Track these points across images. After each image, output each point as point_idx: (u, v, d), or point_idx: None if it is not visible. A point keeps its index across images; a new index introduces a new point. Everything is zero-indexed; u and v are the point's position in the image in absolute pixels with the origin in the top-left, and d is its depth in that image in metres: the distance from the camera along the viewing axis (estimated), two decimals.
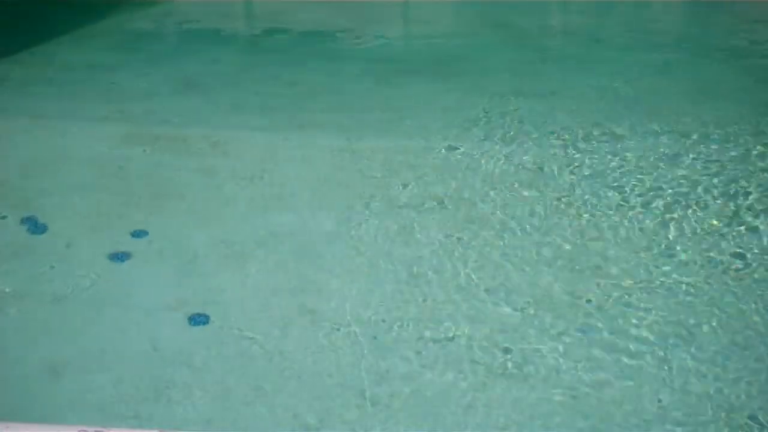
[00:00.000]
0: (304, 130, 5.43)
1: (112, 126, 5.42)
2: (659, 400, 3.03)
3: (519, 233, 4.14)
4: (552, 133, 5.27)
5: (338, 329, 3.44)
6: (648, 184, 4.59)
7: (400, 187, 4.59)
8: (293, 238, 4.12)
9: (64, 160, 4.94)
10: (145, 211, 4.34)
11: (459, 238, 4.09)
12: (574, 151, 4.99)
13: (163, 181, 4.69)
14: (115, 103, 5.84)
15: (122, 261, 3.91)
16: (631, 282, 3.72)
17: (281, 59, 7.02)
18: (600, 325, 3.44)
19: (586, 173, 4.73)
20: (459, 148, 5.05)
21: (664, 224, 4.19)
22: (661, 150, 5.00)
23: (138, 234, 4.12)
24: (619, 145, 5.06)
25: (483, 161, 4.88)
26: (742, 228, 4.14)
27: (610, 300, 3.60)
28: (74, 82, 6.37)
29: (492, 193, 4.53)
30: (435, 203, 4.42)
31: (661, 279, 3.74)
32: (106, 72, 6.53)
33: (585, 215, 4.30)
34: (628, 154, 4.94)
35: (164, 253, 3.99)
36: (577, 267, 3.85)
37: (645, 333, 3.39)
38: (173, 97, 6.00)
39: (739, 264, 3.86)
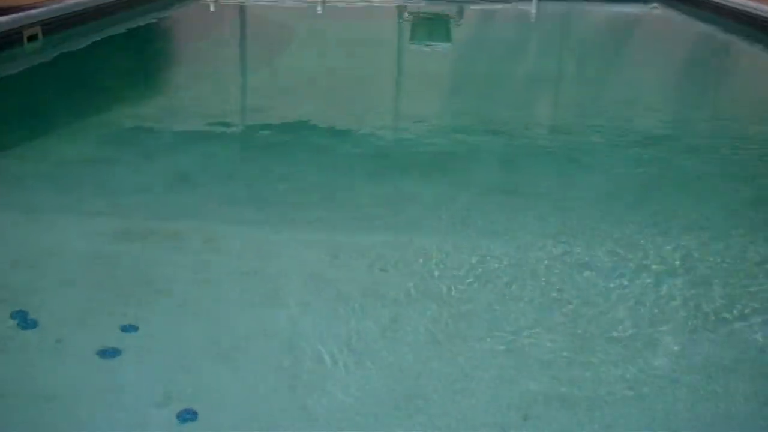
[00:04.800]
0: (295, 226, 5.48)
1: (105, 220, 5.45)
2: None
3: (507, 330, 4.15)
4: (541, 230, 5.35)
5: (330, 428, 3.42)
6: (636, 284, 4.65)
7: (392, 284, 4.60)
8: (284, 335, 4.11)
9: (55, 255, 4.95)
10: (135, 307, 4.33)
11: (451, 336, 4.10)
12: (561, 249, 5.05)
13: (155, 276, 4.70)
14: (109, 197, 5.89)
15: (112, 357, 3.88)
16: None
17: (273, 154, 7.13)
18: None
19: (574, 268, 4.78)
20: (449, 244, 5.10)
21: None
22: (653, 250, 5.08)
23: (128, 329, 4.10)
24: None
25: (473, 258, 4.92)
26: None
27: None
28: (68, 176, 6.43)
29: (484, 290, 4.56)
30: (427, 300, 4.43)
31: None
32: (101, 166, 6.60)
33: (568, 311, 4.33)
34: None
35: (154, 349, 3.97)
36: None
37: None
38: (166, 191, 6.06)
39: None
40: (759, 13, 13.47)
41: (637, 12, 17.61)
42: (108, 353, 3.90)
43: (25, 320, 4.17)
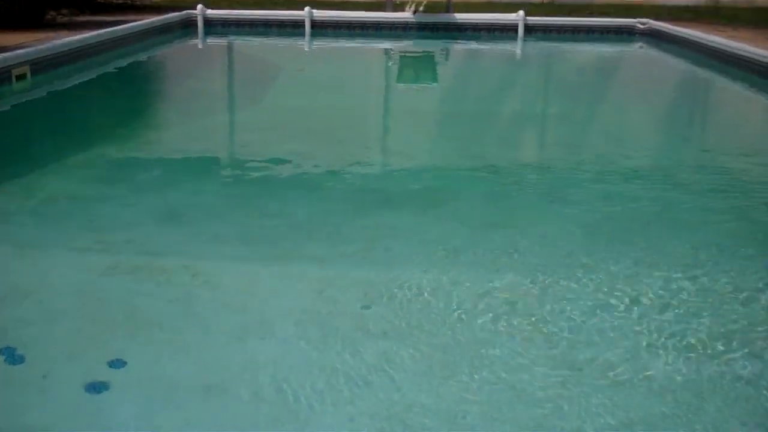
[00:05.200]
0: (284, 261, 5.48)
1: (93, 256, 5.45)
2: None
3: (494, 366, 4.15)
4: (528, 263, 5.37)
5: None
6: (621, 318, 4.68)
7: (381, 319, 4.60)
8: (273, 369, 4.09)
9: (43, 290, 4.94)
10: (123, 341, 4.31)
11: (442, 373, 4.09)
12: (550, 282, 5.07)
13: (143, 310, 4.68)
14: (97, 233, 5.88)
15: (99, 392, 3.86)
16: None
17: (262, 191, 7.15)
18: None
19: (563, 304, 4.80)
20: (439, 279, 5.10)
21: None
22: (635, 282, 5.11)
23: (116, 364, 4.08)
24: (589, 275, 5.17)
25: (462, 291, 4.93)
26: None
27: None
28: (56, 212, 6.42)
29: (471, 323, 4.57)
30: (416, 335, 4.43)
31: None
32: (89, 203, 6.60)
33: (556, 346, 4.34)
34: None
35: (142, 384, 3.96)
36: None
37: None
38: (155, 227, 6.05)
39: None
40: (743, 53, 13.68)
41: (622, 51, 17.84)
42: (96, 388, 3.88)
43: (12, 356, 4.14)
